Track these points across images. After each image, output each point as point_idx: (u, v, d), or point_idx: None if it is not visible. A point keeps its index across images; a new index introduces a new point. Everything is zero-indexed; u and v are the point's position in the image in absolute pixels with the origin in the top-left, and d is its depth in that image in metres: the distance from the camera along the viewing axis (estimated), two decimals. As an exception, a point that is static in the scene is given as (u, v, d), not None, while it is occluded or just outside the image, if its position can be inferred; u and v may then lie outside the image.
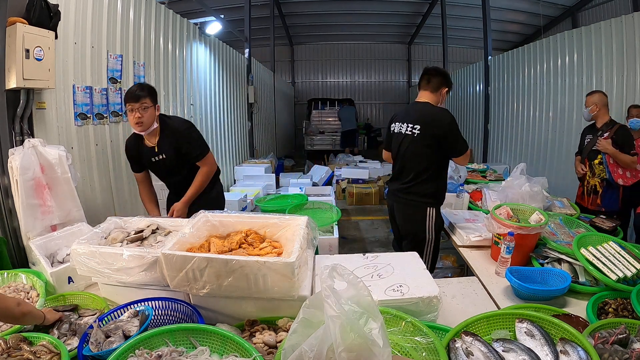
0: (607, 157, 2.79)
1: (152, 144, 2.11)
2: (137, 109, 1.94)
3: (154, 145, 2.10)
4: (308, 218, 1.47)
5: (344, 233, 4.51)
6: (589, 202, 2.91)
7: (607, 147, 2.74)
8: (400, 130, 2.24)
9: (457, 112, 8.41)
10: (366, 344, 0.76)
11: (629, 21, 3.63)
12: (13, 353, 1.05)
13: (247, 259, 1.17)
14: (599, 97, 2.86)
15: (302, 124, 11.49)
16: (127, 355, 0.96)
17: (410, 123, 2.18)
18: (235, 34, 7.24)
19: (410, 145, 2.17)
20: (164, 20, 3.67)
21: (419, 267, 1.39)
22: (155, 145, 2.10)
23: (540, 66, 5.14)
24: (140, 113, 1.95)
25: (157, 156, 2.11)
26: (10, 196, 1.87)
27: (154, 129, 2.06)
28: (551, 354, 0.97)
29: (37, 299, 1.35)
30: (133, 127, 2.01)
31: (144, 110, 1.95)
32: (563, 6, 8.92)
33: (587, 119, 2.94)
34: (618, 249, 1.54)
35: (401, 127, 2.24)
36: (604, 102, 2.85)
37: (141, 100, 1.94)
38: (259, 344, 1.10)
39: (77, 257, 1.34)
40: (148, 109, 1.97)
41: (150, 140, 2.11)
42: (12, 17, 1.82)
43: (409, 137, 2.18)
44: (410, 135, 2.17)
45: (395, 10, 10.56)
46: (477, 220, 2.28)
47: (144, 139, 2.11)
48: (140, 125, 1.98)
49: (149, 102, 1.98)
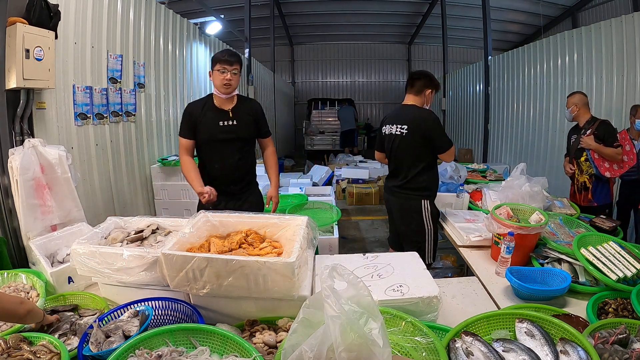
0: (591, 153, 2.89)
1: (227, 109, 2.09)
2: (229, 71, 1.98)
3: (229, 110, 2.09)
4: (308, 218, 1.47)
5: (344, 233, 4.51)
6: (581, 199, 2.98)
7: (590, 143, 2.85)
8: (391, 132, 2.40)
9: (457, 112, 8.41)
10: (366, 344, 0.76)
11: (629, 21, 3.64)
12: (13, 353, 1.05)
13: (247, 259, 1.17)
14: (579, 97, 2.98)
15: (302, 124, 11.49)
16: (127, 355, 0.96)
17: (399, 124, 2.36)
18: (235, 34, 7.25)
19: (401, 144, 2.35)
20: (164, 20, 3.67)
21: (419, 267, 1.39)
22: (230, 110, 2.09)
23: (540, 66, 5.14)
24: (231, 76, 2.00)
25: (228, 121, 2.08)
26: (10, 196, 1.87)
27: (233, 95, 2.10)
28: (551, 354, 0.97)
29: (37, 299, 1.34)
30: (218, 87, 2.02)
31: (234, 75, 2.01)
32: (563, 6, 8.92)
33: (569, 119, 3.06)
34: (618, 249, 1.54)
35: (391, 129, 2.40)
36: (584, 102, 2.96)
37: (234, 65, 2.00)
38: (259, 344, 1.10)
39: (77, 257, 1.34)
40: (237, 75, 2.03)
41: (224, 105, 2.09)
42: (12, 17, 1.82)
43: (399, 137, 2.35)
44: (399, 135, 2.35)
45: (395, 10, 10.56)
46: (477, 220, 2.28)
47: (214, 104, 2.09)
48: (227, 87, 2.01)
49: (238, 69, 2.04)
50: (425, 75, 2.39)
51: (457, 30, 10.87)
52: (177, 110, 4.05)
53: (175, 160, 3.48)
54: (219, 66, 1.99)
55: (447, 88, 9.17)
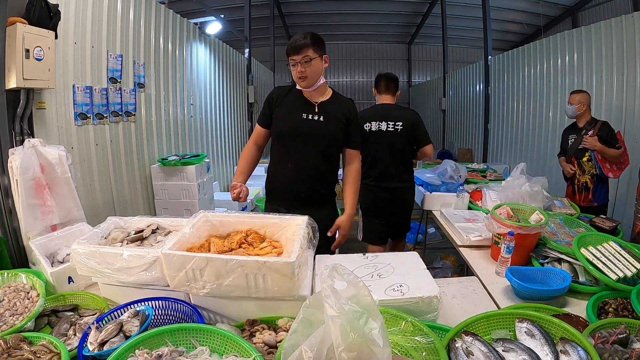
0: (595, 154, 2.88)
1: (315, 102, 1.78)
2: (298, 62, 1.66)
3: (316, 103, 1.77)
4: (308, 218, 1.47)
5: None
6: (581, 199, 2.98)
7: (595, 144, 2.84)
8: (380, 128, 2.54)
9: (457, 112, 8.41)
10: (366, 344, 0.76)
11: (629, 21, 3.63)
12: (13, 353, 1.05)
13: (247, 258, 1.17)
14: (587, 97, 2.97)
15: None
16: (127, 355, 0.96)
17: (391, 121, 2.53)
18: (235, 34, 7.24)
19: (396, 139, 2.54)
20: (164, 20, 3.67)
21: (419, 267, 1.39)
22: (317, 104, 1.77)
23: (540, 66, 5.14)
24: (303, 67, 1.66)
25: (314, 115, 1.76)
26: (10, 196, 1.87)
27: (320, 85, 1.76)
28: (551, 353, 0.97)
29: (37, 299, 1.34)
30: (297, 81, 1.74)
31: (306, 64, 1.66)
32: (563, 6, 8.91)
33: (572, 116, 3.03)
34: (618, 249, 1.54)
35: (380, 125, 2.55)
36: (589, 102, 2.97)
37: (303, 51, 1.64)
38: (259, 343, 1.10)
39: (77, 257, 1.34)
40: (312, 61, 1.67)
41: (313, 97, 1.78)
42: (12, 17, 1.82)
43: (392, 133, 2.54)
44: (393, 132, 2.54)
45: (395, 10, 10.56)
46: (477, 220, 2.28)
47: (302, 93, 1.79)
48: (304, 80, 1.69)
49: (312, 53, 1.66)
50: (395, 78, 2.66)
51: (457, 30, 10.87)
52: (177, 110, 4.05)
53: (175, 161, 3.48)
54: (289, 58, 1.69)
55: (447, 88, 9.17)
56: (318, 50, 1.69)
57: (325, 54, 1.73)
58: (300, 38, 1.67)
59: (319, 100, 1.78)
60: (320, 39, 1.72)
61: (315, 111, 1.76)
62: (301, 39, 1.66)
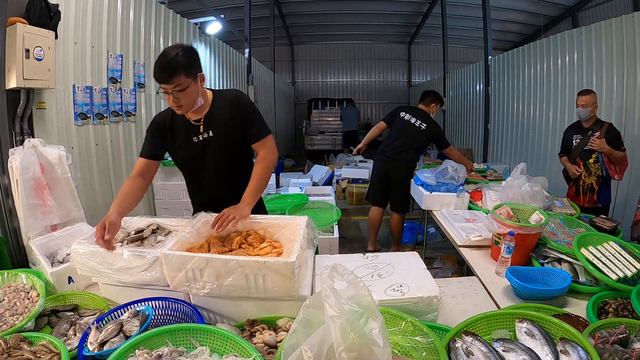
0: (603, 156, 2.85)
1: (197, 122, 1.62)
2: (171, 92, 1.44)
3: (200, 123, 1.61)
4: (308, 218, 1.47)
5: (344, 233, 4.51)
6: (585, 200, 2.95)
7: (604, 146, 2.80)
8: (410, 120, 3.52)
9: (457, 112, 8.40)
10: (366, 344, 0.76)
11: (629, 21, 3.63)
12: (13, 353, 1.05)
13: (247, 259, 1.17)
14: (595, 97, 2.92)
15: (302, 124, 11.49)
16: (127, 355, 0.96)
17: (419, 119, 3.51)
18: (235, 34, 7.24)
19: (415, 131, 3.50)
20: (164, 20, 3.67)
21: (419, 267, 1.39)
22: (201, 123, 1.61)
23: (540, 66, 5.13)
24: (177, 96, 1.45)
25: (201, 135, 1.62)
26: (10, 196, 1.87)
27: (199, 106, 1.58)
28: (551, 353, 0.97)
29: (37, 299, 1.34)
30: (173, 109, 1.55)
31: (180, 93, 1.44)
32: (563, 6, 8.91)
33: (586, 118, 2.94)
34: (618, 249, 1.54)
35: (411, 118, 3.53)
36: (596, 101, 2.93)
37: (174, 80, 1.41)
38: (259, 343, 1.10)
39: (77, 257, 1.34)
40: (186, 89, 1.45)
41: (193, 117, 1.62)
42: (12, 17, 1.82)
43: (417, 128, 3.49)
44: (418, 127, 3.49)
45: (395, 10, 10.55)
46: (477, 220, 2.28)
47: (184, 115, 1.62)
48: (180, 109, 1.51)
49: (185, 80, 1.43)
50: (433, 92, 3.70)
51: (457, 30, 10.86)
52: (177, 110, 4.05)
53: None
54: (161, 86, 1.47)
55: (447, 88, 9.16)
56: (191, 73, 1.46)
57: (200, 72, 1.52)
58: (169, 61, 1.40)
59: (201, 117, 1.61)
60: (192, 55, 1.48)
61: (201, 131, 1.62)
62: (170, 64, 1.40)
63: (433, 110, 3.59)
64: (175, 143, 1.67)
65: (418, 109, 3.59)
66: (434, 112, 3.61)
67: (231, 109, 1.63)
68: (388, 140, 3.61)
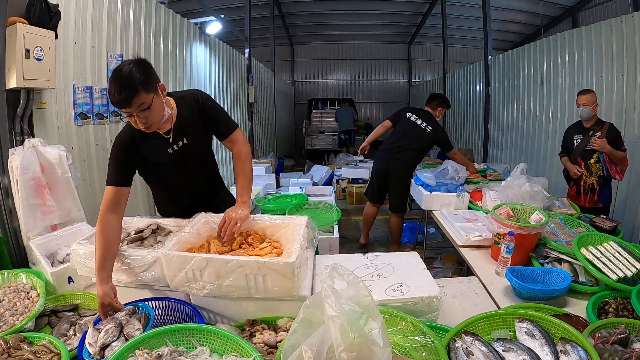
0: (604, 156, 2.84)
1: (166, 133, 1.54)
2: (135, 115, 1.33)
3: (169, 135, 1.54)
4: (308, 218, 1.47)
5: (344, 233, 4.51)
6: (586, 200, 2.95)
7: (605, 146, 2.80)
8: (416, 122, 3.54)
9: (457, 112, 8.40)
10: (366, 344, 0.76)
11: (629, 21, 3.63)
12: (13, 353, 1.05)
13: (247, 259, 1.17)
14: (595, 96, 2.92)
15: (302, 124, 11.49)
16: (127, 355, 0.96)
17: (425, 121, 3.54)
18: (235, 34, 7.23)
19: (420, 133, 3.51)
20: (164, 20, 3.67)
21: (419, 267, 1.39)
22: (171, 133, 1.53)
23: (540, 66, 5.13)
24: (142, 116, 1.34)
25: (174, 145, 1.55)
26: (10, 196, 1.87)
27: (166, 117, 1.48)
28: (551, 353, 0.97)
29: (37, 299, 1.35)
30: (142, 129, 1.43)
31: (144, 112, 1.34)
32: (563, 6, 8.91)
33: (587, 118, 2.94)
34: (618, 249, 1.54)
35: (417, 119, 3.55)
36: (596, 101, 2.92)
37: (134, 102, 1.30)
38: (259, 344, 1.10)
39: (77, 257, 1.34)
40: (151, 106, 1.35)
41: (162, 128, 1.53)
42: (12, 17, 1.82)
43: (422, 130, 3.52)
44: (423, 129, 3.52)
45: (395, 10, 10.55)
46: (477, 220, 2.28)
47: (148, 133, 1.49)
48: (149, 128, 1.41)
49: (146, 97, 1.32)
50: (440, 96, 3.76)
51: (457, 30, 10.86)
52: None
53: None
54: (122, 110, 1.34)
55: (447, 88, 9.16)
56: (150, 88, 1.34)
57: (159, 83, 1.41)
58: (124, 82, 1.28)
59: (170, 127, 1.54)
60: (146, 67, 1.35)
61: (171, 141, 1.55)
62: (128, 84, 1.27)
63: (439, 113, 3.65)
64: (149, 159, 1.55)
65: (424, 111, 3.62)
66: (440, 115, 3.67)
67: (194, 112, 1.58)
68: (391, 139, 3.63)
